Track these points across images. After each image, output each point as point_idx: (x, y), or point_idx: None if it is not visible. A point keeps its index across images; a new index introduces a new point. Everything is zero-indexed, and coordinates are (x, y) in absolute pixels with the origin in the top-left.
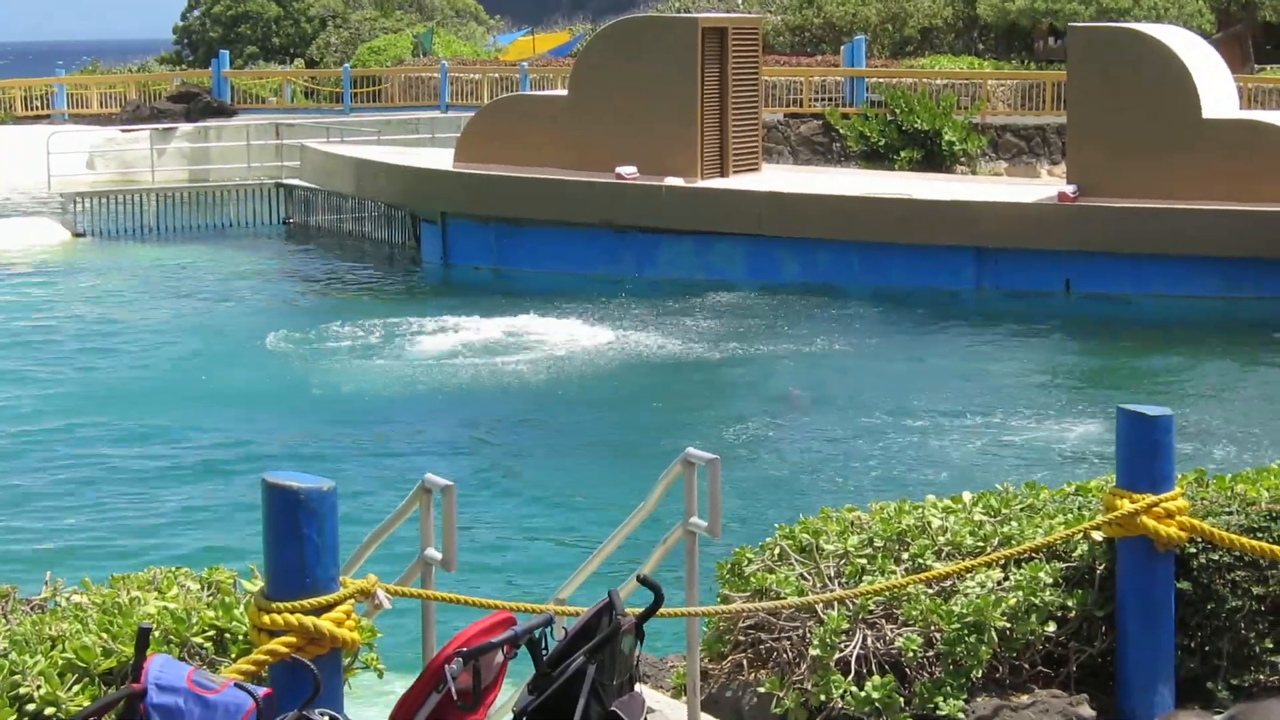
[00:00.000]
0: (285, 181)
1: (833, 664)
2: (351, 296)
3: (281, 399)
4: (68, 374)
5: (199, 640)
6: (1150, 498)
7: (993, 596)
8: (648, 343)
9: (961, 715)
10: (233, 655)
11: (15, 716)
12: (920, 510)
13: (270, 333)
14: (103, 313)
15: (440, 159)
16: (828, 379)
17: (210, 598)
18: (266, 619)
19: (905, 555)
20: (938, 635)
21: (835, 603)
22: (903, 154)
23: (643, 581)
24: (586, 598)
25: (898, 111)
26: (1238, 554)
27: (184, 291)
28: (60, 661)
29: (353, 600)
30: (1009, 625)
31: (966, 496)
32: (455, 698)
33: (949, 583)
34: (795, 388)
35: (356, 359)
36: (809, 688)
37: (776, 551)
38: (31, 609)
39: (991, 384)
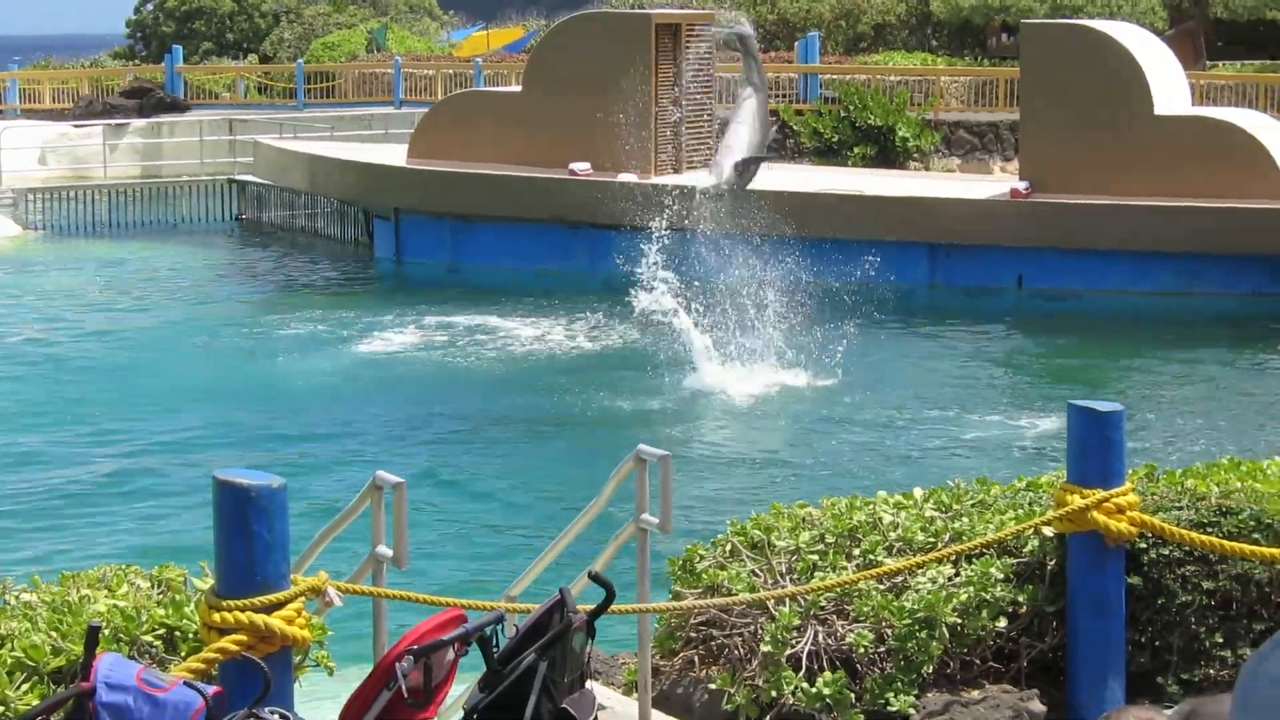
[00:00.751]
0: (238, 177)
1: (784, 660)
2: (304, 293)
3: (232, 396)
4: (16, 370)
5: (149, 638)
6: (1101, 493)
7: (944, 592)
8: (600, 339)
9: (912, 711)
10: (183, 653)
11: None
12: (871, 506)
13: (222, 329)
14: (53, 309)
15: (394, 155)
16: (778, 375)
17: (160, 596)
18: (217, 617)
19: (857, 551)
20: (889, 631)
21: (787, 599)
22: (856, 150)
23: (594, 578)
24: (538, 595)
25: (851, 108)
26: (1188, 549)
27: (136, 288)
28: (9, 660)
29: (303, 598)
30: (960, 621)
31: (918, 492)
32: (406, 695)
33: (900, 579)
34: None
35: (308, 356)
36: (760, 684)
37: (728, 548)
38: None
39: (943, 379)
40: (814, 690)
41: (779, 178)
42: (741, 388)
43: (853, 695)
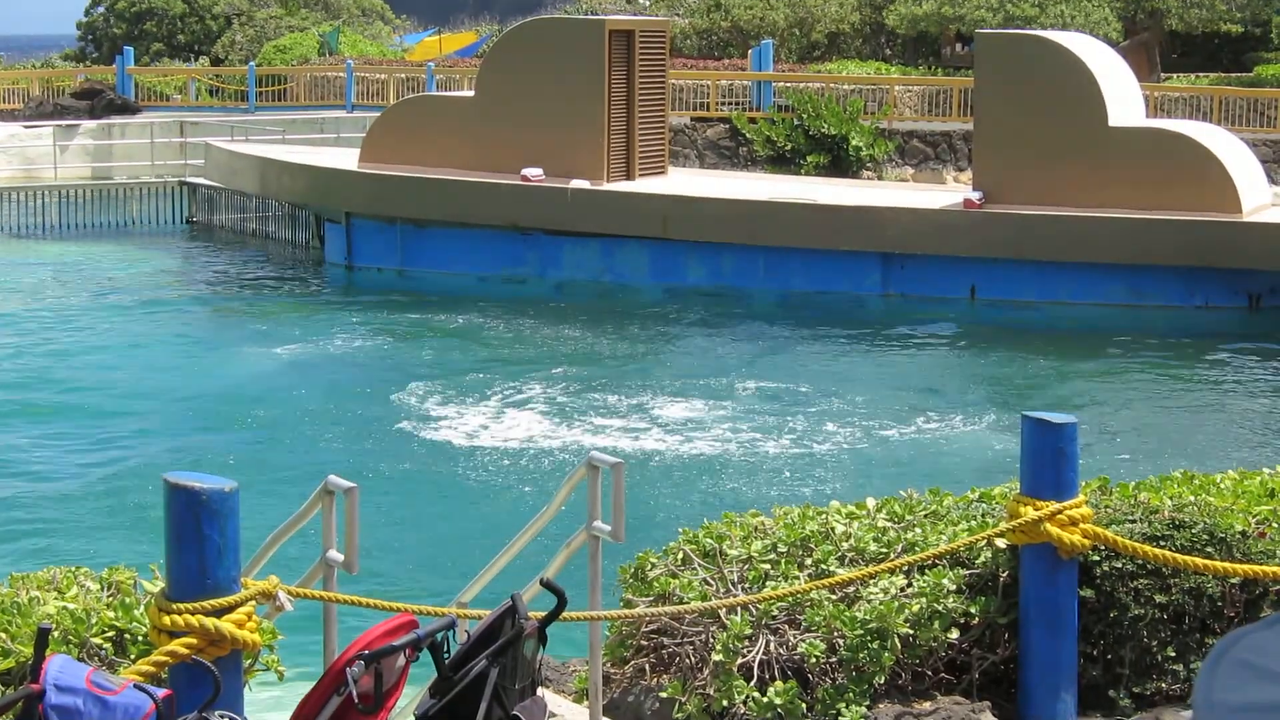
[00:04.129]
0: (189, 180)
1: (735, 669)
2: (254, 297)
3: (183, 399)
4: None
5: (98, 641)
6: (1054, 505)
7: (896, 603)
8: (550, 346)
9: None
10: (132, 656)
11: None
12: (824, 516)
13: (171, 332)
14: (1, 311)
15: (345, 159)
16: (732, 384)
17: (110, 598)
18: (167, 620)
19: (809, 561)
20: (841, 641)
21: (738, 608)
22: (809, 159)
23: (546, 585)
24: (489, 601)
25: (805, 116)
26: (1140, 562)
27: (85, 290)
28: None
29: (254, 602)
30: (912, 632)
31: (870, 502)
32: (356, 700)
33: (852, 589)
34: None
35: (258, 359)
36: (711, 693)
37: (680, 556)
38: None
39: (896, 390)
40: (765, 700)
41: (733, 185)
42: (691, 396)
43: (804, 705)
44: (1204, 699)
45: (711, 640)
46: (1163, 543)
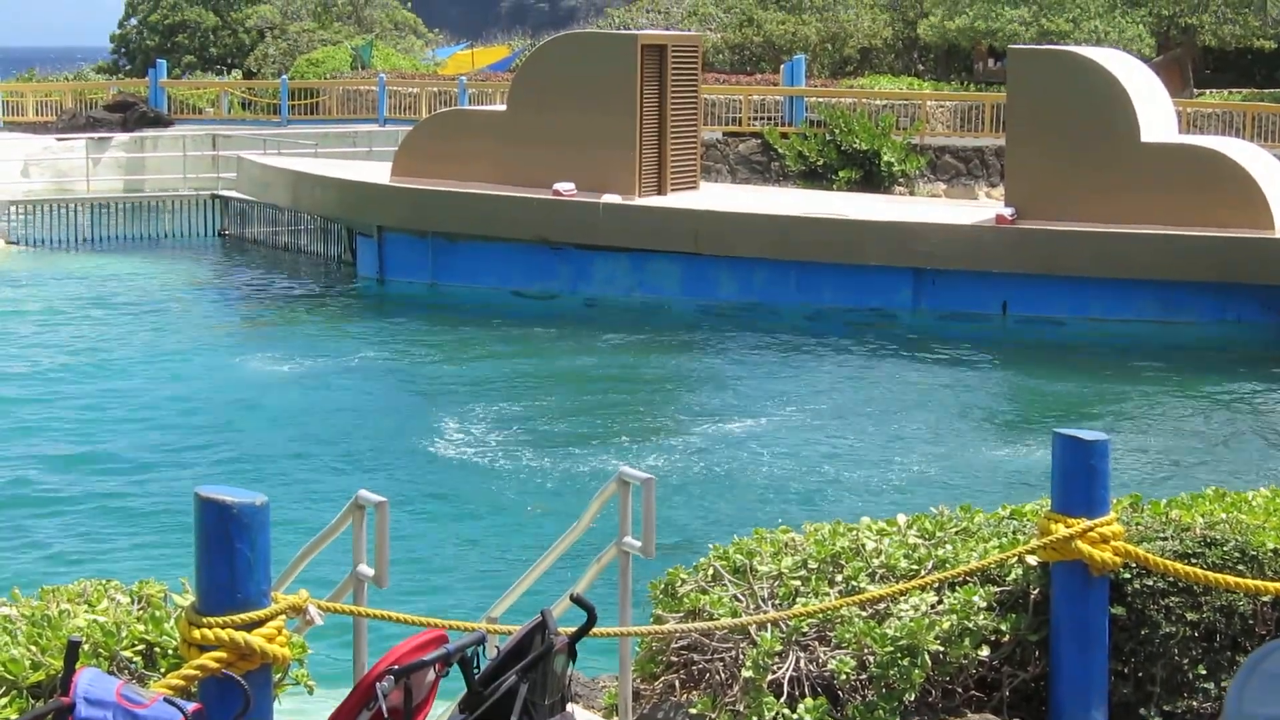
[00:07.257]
0: (221, 193)
1: (765, 686)
2: (286, 310)
3: (215, 413)
4: None
5: (128, 654)
6: (1085, 522)
7: (926, 620)
8: (581, 361)
9: None
10: (162, 670)
11: None
12: (855, 532)
13: (203, 345)
14: (34, 323)
15: (377, 173)
16: (763, 400)
17: (140, 611)
18: (197, 633)
19: (839, 577)
20: (871, 658)
21: (769, 624)
22: (841, 174)
23: (576, 601)
24: (519, 616)
25: (837, 131)
26: (1172, 580)
27: (117, 303)
28: None
29: (284, 616)
30: (942, 649)
31: (901, 519)
32: (386, 715)
33: (883, 605)
34: None
35: (290, 373)
36: (741, 709)
37: (710, 572)
38: None
39: (927, 406)
40: (795, 717)
41: (764, 200)
42: (722, 411)
43: None
44: (1234, 711)
45: (741, 656)
46: (1194, 560)
